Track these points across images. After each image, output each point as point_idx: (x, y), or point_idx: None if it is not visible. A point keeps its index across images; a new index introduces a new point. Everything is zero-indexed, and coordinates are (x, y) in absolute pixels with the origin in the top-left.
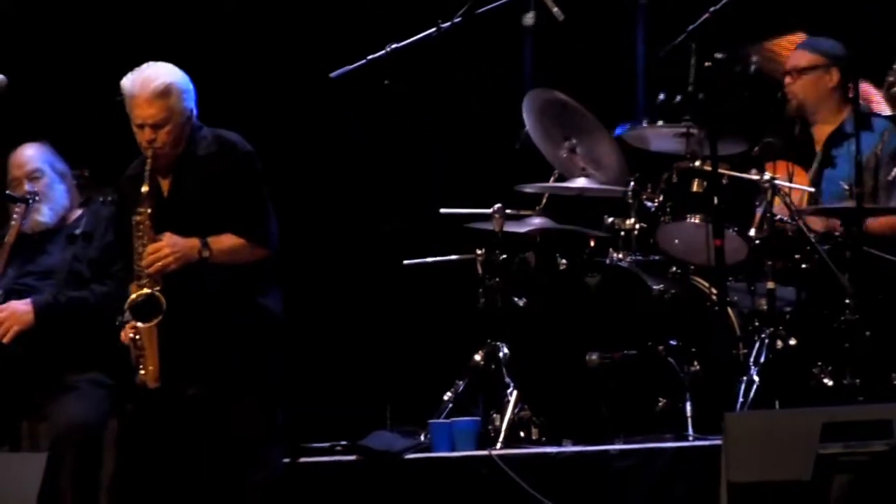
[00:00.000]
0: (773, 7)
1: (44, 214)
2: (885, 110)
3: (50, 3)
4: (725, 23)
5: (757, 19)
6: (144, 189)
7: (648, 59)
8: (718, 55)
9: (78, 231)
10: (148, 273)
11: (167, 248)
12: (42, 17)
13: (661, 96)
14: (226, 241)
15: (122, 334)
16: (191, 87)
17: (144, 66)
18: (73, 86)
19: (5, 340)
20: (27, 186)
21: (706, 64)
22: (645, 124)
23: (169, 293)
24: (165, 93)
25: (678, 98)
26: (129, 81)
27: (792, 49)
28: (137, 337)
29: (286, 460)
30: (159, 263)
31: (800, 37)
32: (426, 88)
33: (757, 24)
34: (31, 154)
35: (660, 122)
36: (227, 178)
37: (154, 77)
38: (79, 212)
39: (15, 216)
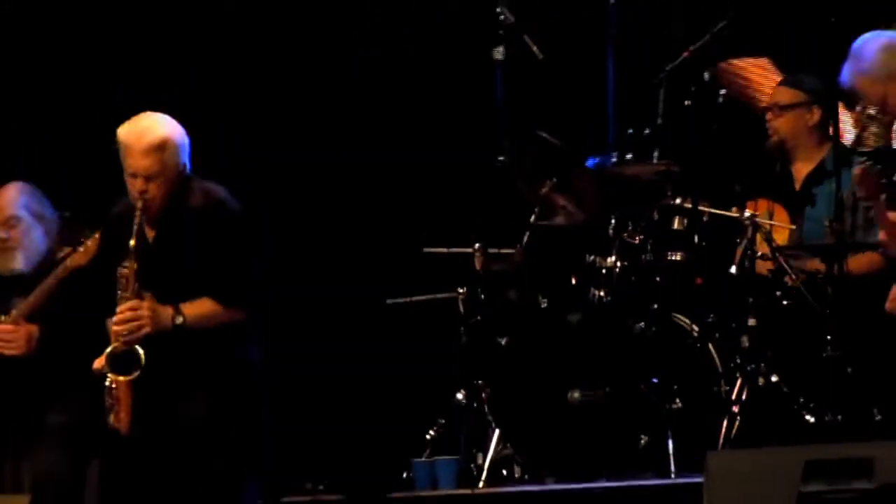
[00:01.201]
0: (744, 42)
1: (20, 262)
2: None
3: (34, 28)
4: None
5: (729, 54)
6: (132, 243)
7: (618, 91)
8: (692, 89)
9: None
10: (123, 331)
11: (146, 310)
12: (28, 43)
13: (630, 130)
14: (200, 309)
15: (96, 363)
16: (186, 140)
17: (142, 116)
18: (55, 123)
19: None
20: (2, 233)
21: (686, 102)
22: (614, 157)
23: (143, 343)
24: (161, 147)
25: (647, 131)
26: (125, 131)
27: (754, 70)
28: (113, 386)
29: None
30: (135, 324)
31: (763, 61)
32: (408, 123)
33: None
34: (8, 198)
35: (629, 156)
36: (211, 233)
37: (150, 130)
38: (63, 252)
39: (88, 242)
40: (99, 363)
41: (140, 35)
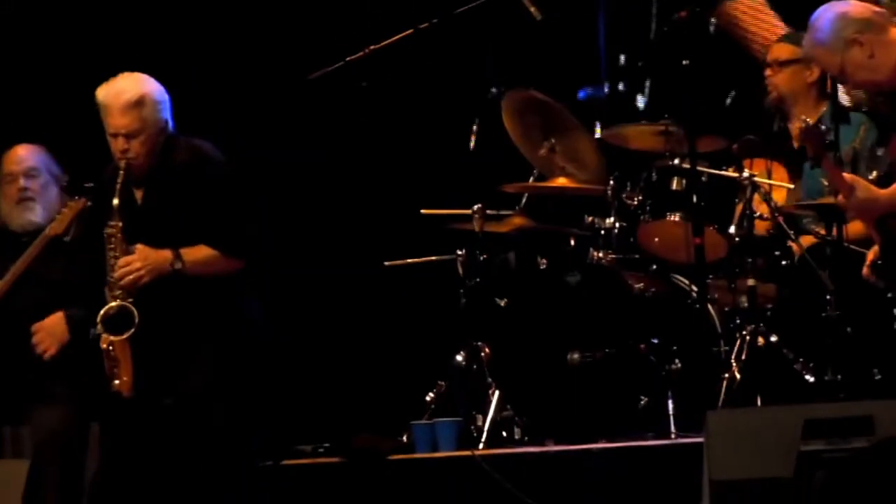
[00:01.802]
0: None
1: (38, 214)
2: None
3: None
4: None
5: None
6: (115, 202)
7: (609, 21)
8: (675, 17)
9: (67, 238)
10: (120, 286)
11: (139, 261)
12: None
13: (622, 60)
14: (199, 253)
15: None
16: (166, 97)
17: (119, 76)
18: (51, 91)
19: (46, 356)
20: (23, 182)
21: (664, 29)
22: (606, 88)
23: (142, 302)
24: (139, 103)
25: (639, 63)
26: (103, 92)
27: (750, 11)
28: (111, 348)
29: (269, 462)
30: (131, 277)
31: (759, 1)
32: (405, 88)
33: None
34: (28, 152)
35: (621, 86)
36: (200, 188)
37: (128, 88)
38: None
39: (65, 210)
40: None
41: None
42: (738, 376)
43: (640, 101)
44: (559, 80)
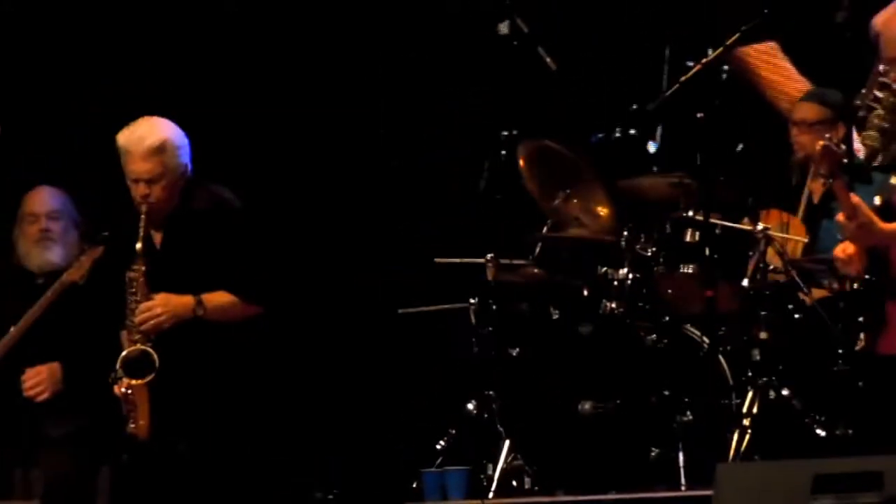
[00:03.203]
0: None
1: (57, 255)
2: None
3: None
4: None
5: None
6: (139, 246)
7: (622, 65)
8: (689, 63)
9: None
10: (141, 330)
11: (160, 307)
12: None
13: (634, 106)
14: (219, 299)
15: (115, 388)
16: (186, 142)
17: (139, 120)
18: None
19: (39, 399)
20: (45, 223)
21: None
22: (618, 133)
23: (159, 347)
24: (160, 149)
25: (651, 105)
26: (124, 137)
27: (762, 56)
28: (129, 392)
29: None
30: (152, 322)
31: (770, 45)
32: (420, 137)
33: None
34: (52, 194)
35: (632, 131)
36: (219, 234)
37: (149, 133)
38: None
39: (83, 257)
40: (118, 389)
41: (139, 38)
42: (749, 429)
43: (652, 147)
44: (574, 128)
